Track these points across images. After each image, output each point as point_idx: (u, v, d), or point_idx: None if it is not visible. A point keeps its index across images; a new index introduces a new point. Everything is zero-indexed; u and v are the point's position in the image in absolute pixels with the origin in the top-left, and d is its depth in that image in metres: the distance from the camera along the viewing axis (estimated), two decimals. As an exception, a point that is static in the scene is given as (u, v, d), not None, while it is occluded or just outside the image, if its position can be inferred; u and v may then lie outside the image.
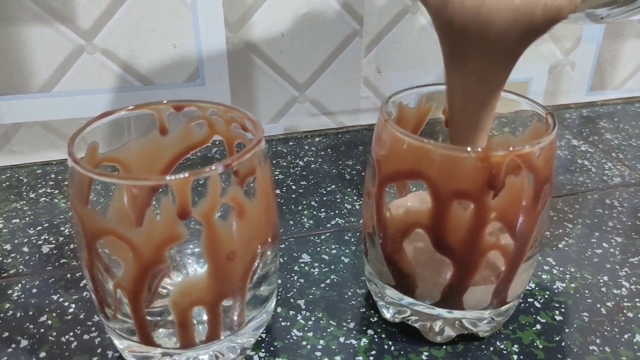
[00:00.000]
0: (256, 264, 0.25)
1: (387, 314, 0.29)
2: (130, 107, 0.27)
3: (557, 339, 0.29)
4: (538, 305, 0.31)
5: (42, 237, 0.36)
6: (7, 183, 0.43)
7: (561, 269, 0.34)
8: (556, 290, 0.32)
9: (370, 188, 0.27)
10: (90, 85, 0.44)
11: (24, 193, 0.41)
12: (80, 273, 0.33)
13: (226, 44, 0.45)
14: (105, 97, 0.44)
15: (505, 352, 0.28)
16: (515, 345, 0.28)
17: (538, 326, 0.30)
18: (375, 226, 0.27)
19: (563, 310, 0.31)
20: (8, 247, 0.36)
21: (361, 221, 0.38)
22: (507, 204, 0.24)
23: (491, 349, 0.28)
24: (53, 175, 0.44)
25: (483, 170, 0.23)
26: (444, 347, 0.28)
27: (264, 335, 0.29)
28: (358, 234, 0.37)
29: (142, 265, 0.22)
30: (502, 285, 0.26)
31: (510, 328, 0.30)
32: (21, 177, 0.43)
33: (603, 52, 0.56)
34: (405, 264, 0.27)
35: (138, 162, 0.28)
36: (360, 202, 0.40)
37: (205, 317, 0.25)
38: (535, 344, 0.29)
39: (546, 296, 0.32)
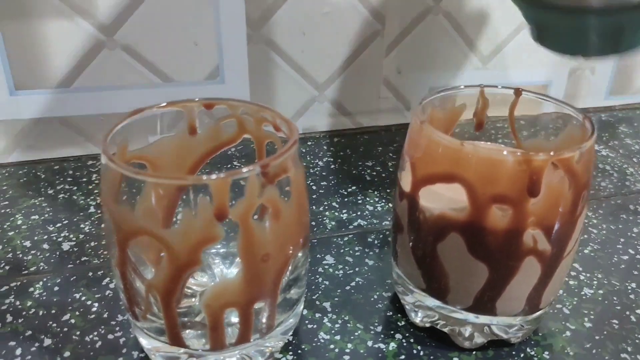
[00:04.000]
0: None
1: (417, 318, 0.29)
2: (162, 105, 0.26)
3: (588, 345, 0.28)
4: (567, 311, 0.31)
5: (62, 235, 0.36)
6: (25, 179, 0.42)
7: (588, 274, 0.33)
8: (584, 297, 0.32)
9: (404, 190, 0.27)
10: (109, 82, 0.43)
11: (42, 189, 0.41)
12: (102, 271, 0.33)
13: (247, 42, 0.44)
14: (125, 93, 0.44)
15: (536, 358, 0.28)
16: (546, 352, 0.28)
17: (568, 333, 0.29)
18: (408, 228, 0.27)
19: (592, 317, 0.30)
20: (28, 243, 0.35)
21: (384, 223, 0.38)
22: (546, 210, 0.24)
23: (522, 355, 0.28)
24: (71, 172, 0.43)
25: (523, 174, 0.23)
26: (473, 352, 0.28)
27: (290, 338, 0.28)
28: (382, 236, 0.36)
29: (177, 266, 0.22)
30: (537, 291, 0.26)
31: (540, 334, 0.29)
32: (39, 173, 0.43)
33: (623, 57, 0.55)
34: (438, 268, 0.26)
35: (166, 160, 0.27)
36: (382, 203, 0.40)
37: (234, 320, 0.24)
38: (566, 351, 0.28)
39: (574, 302, 0.31)
